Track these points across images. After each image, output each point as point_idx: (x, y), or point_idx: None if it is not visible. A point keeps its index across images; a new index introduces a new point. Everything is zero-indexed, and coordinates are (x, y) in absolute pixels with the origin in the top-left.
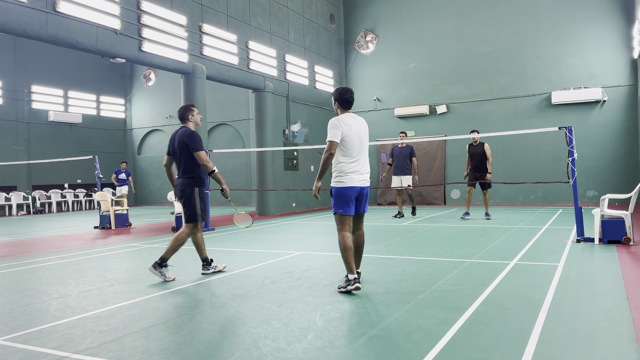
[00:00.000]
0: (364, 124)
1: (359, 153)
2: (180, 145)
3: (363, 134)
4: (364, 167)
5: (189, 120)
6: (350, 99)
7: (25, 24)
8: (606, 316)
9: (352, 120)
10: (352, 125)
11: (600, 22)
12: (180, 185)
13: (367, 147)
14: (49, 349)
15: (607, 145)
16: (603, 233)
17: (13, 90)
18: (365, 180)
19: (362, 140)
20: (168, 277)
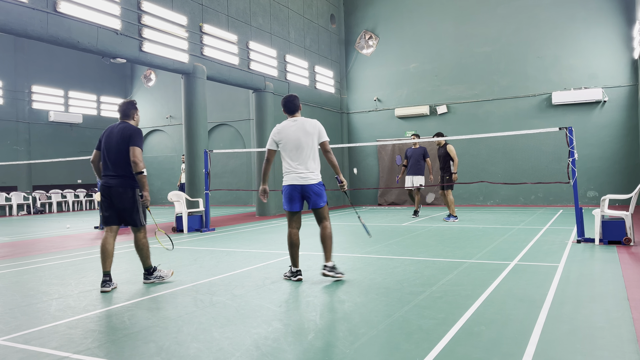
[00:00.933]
0: (305, 127)
1: (297, 155)
2: (123, 140)
3: (303, 137)
4: (305, 167)
5: (133, 117)
6: (290, 105)
7: (25, 24)
8: (607, 317)
9: (291, 125)
10: (290, 131)
11: (601, 22)
12: (119, 186)
13: (309, 149)
14: (50, 349)
15: (607, 146)
16: (603, 233)
17: (14, 91)
18: (307, 178)
19: (300, 143)
20: (166, 275)
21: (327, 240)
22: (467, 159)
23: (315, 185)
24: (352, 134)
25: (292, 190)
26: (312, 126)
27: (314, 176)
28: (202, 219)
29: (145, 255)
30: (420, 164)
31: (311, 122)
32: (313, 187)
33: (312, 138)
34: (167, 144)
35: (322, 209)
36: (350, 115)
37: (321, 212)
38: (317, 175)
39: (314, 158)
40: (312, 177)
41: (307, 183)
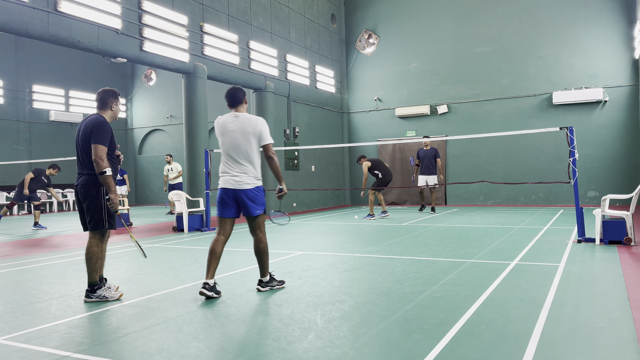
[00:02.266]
0: (245, 125)
1: (235, 153)
2: (85, 135)
3: (240, 135)
4: (240, 168)
5: (110, 108)
6: (231, 97)
7: (26, 23)
8: (607, 317)
9: (232, 120)
10: (228, 125)
11: (602, 22)
12: (83, 184)
13: (248, 148)
14: (50, 349)
15: (608, 146)
16: (604, 233)
17: (14, 90)
18: (240, 182)
19: (238, 140)
20: (112, 296)
21: (262, 255)
22: (468, 158)
23: (250, 190)
24: (353, 134)
25: (225, 194)
26: (252, 125)
27: (250, 180)
28: (202, 218)
29: (93, 268)
30: (433, 164)
31: (252, 121)
32: (248, 192)
33: (251, 138)
34: (168, 143)
35: (257, 219)
36: (350, 115)
37: (255, 222)
38: (253, 180)
39: (250, 160)
40: (247, 180)
41: (241, 188)
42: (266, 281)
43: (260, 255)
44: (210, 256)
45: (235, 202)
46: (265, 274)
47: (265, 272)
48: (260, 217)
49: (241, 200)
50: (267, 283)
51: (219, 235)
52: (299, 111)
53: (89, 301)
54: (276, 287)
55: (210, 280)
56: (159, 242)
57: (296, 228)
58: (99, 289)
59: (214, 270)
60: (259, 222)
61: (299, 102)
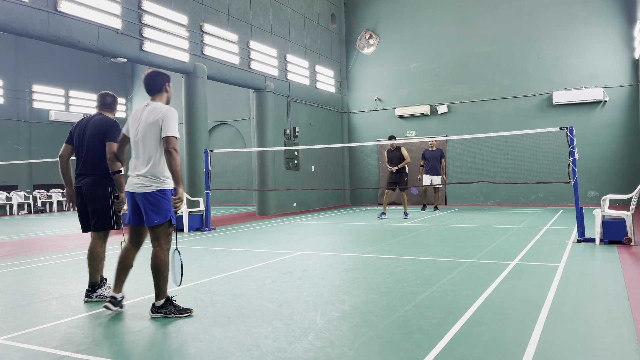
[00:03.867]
0: (151, 112)
1: (141, 149)
2: (97, 134)
3: (143, 127)
4: (142, 167)
5: (115, 109)
6: (147, 82)
7: (26, 23)
8: (607, 317)
9: (141, 110)
10: (137, 115)
11: (602, 22)
12: (90, 185)
13: (151, 143)
14: (50, 349)
15: (608, 146)
16: (604, 233)
17: (14, 90)
18: (139, 184)
19: (141, 134)
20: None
21: (157, 273)
22: (468, 158)
23: (150, 194)
24: (353, 134)
25: (128, 198)
26: (155, 114)
27: (149, 182)
28: (202, 218)
29: (96, 268)
30: (438, 164)
31: (158, 109)
32: (147, 196)
33: (153, 131)
34: None
35: (157, 229)
36: (350, 114)
37: (155, 232)
38: (155, 182)
39: (152, 157)
40: (146, 182)
41: (140, 191)
42: (159, 305)
43: (155, 273)
44: (119, 267)
45: (137, 207)
46: (159, 296)
47: (160, 294)
48: (162, 228)
49: (140, 205)
50: (160, 308)
51: (127, 244)
52: (299, 111)
53: (89, 301)
54: (172, 315)
55: (117, 294)
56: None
57: (296, 228)
58: (99, 288)
59: (122, 283)
60: (159, 233)
61: (299, 102)
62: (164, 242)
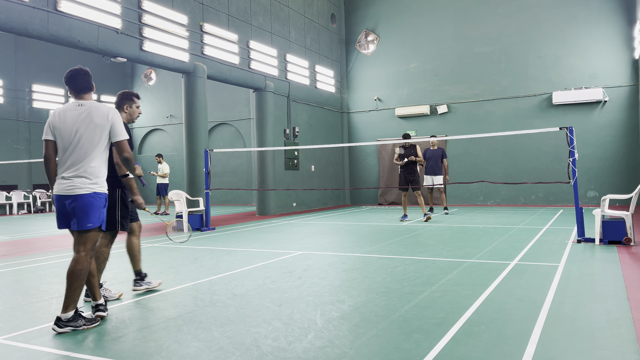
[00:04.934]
0: (95, 112)
1: (71, 151)
2: None
3: (81, 127)
4: (73, 170)
5: (124, 110)
6: (71, 81)
7: (26, 22)
8: (607, 317)
9: (72, 109)
10: (68, 116)
11: (602, 22)
12: None
13: (88, 144)
14: (50, 348)
15: (608, 146)
16: (604, 233)
17: (14, 89)
18: (69, 187)
19: (78, 134)
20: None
21: (73, 280)
22: (468, 158)
23: (86, 195)
24: (353, 134)
25: (57, 201)
26: (102, 116)
27: (83, 183)
28: (202, 218)
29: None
30: (439, 164)
31: (103, 110)
32: (82, 200)
33: (98, 132)
34: (168, 143)
35: (85, 234)
36: (350, 114)
37: (82, 236)
38: (89, 184)
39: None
40: (80, 184)
41: (70, 194)
42: (67, 319)
43: (71, 280)
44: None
45: (67, 210)
46: (68, 307)
47: (69, 305)
48: (93, 232)
49: (70, 208)
50: (69, 322)
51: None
52: (299, 111)
53: (88, 300)
54: (82, 327)
55: (99, 300)
56: (158, 242)
57: (296, 228)
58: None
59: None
60: (88, 238)
61: (299, 102)
62: (90, 248)
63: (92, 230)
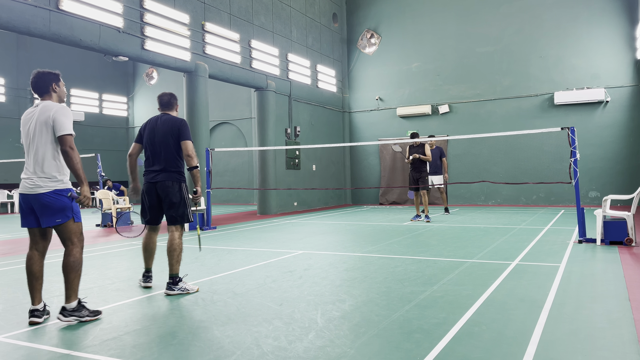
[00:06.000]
0: (42, 110)
1: (27, 151)
2: (171, 132)
3: (34, 126)
4: (31, 167)
5: (175, 110)
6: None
7: (28, 21)
8: (608, 317)
9: (31, 111)
10: (26, 118)
11: (604, 22)
12: (165, 180)
13: (41, 141)
14: (51, 347)
15: (609, 146)
16: (605, 234)
17: (16, 88)
18: (30, 186)
19: (32, 133)
20: (192, 288)
21: (69, 272)
22: (469, 158)
23: (46, 194)
24: (354, 133)
25: (22, 200)
26: (46, 113)
27: (44, 182)
28: (203, 217)
29: (177, 259)
30: (438, 164)
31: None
32: (44, 197)
33: (44, 129)
34: None
35: (62, 228)
36: (351, 114)
37: (61, 232)
38: (49, 182)
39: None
40: (38, 183)
41: (30, 192)
42: (71, 309)
43: (67, 272)
44: (30, 278)
45: (32, 209)
46: (70, 298)
47: (71, 295)
48: (68, 225)
49: (35, 207)
50: (73, 312)
51: (31, 251)
52: (300, 110)
53: (171, 294)
54: (86, 318)
55: (38, 305)
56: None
57: (297, 227)
58: (179, 281)
59: (39, 294)
60: (68, 232)
61: (300, 102)
62: (75, 239)
63: (66, 223)
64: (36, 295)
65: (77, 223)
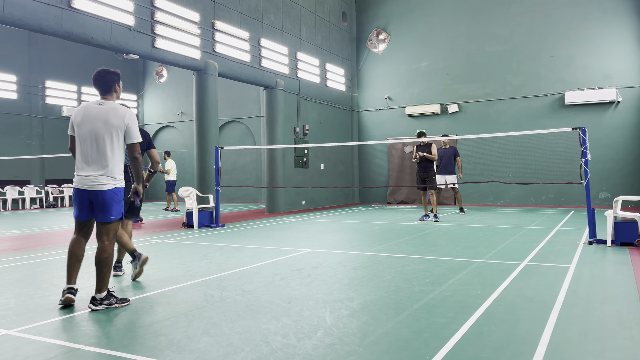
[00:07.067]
0: (110, 112)
1: (91, 148)
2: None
3: (99, 125)
4: (95, 165)
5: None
6: (98, 81)
7: (40, 19)
8: (618, 318)
9: (94, 108)
10: (89, 113)
11: (615, 22)
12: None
13: (108, 142)
14: (62, 341)
15: (620, 147)
16: (616, 235)
17: (27, 86)
18: (93, 184)
19: (96, 132)
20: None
21: (103, 266)
22: (478, 158)
23: (108, 191)
24: (362, 132)
25: (80, 195)
26: (119, 116)
27: (107, 180)
28: (212, 214)
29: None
30: (452, 163)
31: (120, 112)
32: (107, 194)
33: (112, 131)
34: (178, 140)
35: (108, 224)
36: (360, 113)
37: (105, 227)
38: (112, 180)
39: (112, 156)
40: (104, 181)
41: (96, 189)
42: (101, 298)
43: (101, 267)
44: (71, 260)
45: (91, 204)
46: (101, 289)
47: (102, 287)
48: (114, 222)
49: (96, 202)
50: (103, 300)
51: (75, 235)
52: (309, 109)
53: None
54: (114, 305)
55: (74, 285)
56: (169, 238)
57: (305, 226)
58: None
59: (76, 275)
60: (110, 228)
61: (309, 100)
62: (112, 238)
63: (113, 222)
64: (74, 275)
65: (119, 222)
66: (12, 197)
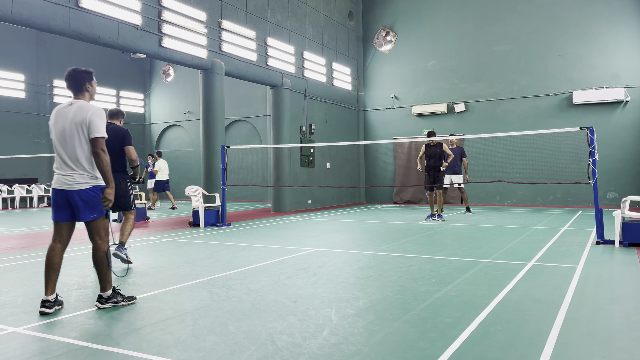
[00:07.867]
0: (76, 111)
1: (63, 148)
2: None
3: (67, 125)
4: (70, 165)
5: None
6: (69, 80)
7: (48, 18)
8: (625, 320)
9: (63, 108)
10: (59, 114)
11: (624, 21)
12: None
13: (76, 140)
14: (70, 339)
15: (628, 147)
16: (624, 235)
17: (35, 85)
18: (70, 183)
19: (64, 132)
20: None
21: (101, 265)
22: (485, 158)
23: (86, 190)
24: (369, 132)
25: (57, 195)
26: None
27: (83, 179)
28: (218, 213)
29: None
30: (458, 163)
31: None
32: (84, 194)
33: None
34: (185, 139)
35: (93, 224)
36: (367, 112)
37: (91, 227)
38: (89, 179)
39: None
40: (79, 180)
41: (72, 189)
42: (107, 296)
43: (99, 266)
44: (48, 268)
45: (69, 204)
46: (106, 287)
47: (105, 285)
48: (100, 221)
49: (74, 202)
50: (109, 299)
51: (54, 243)
52: (315, 108)
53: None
54: (121, 303)
55: (50, 296)
56: (175, 237)
57: (311, 225)
58: None
59: (53, 285)
60: (98, 227)
61: (315, 99)
62: (105, 236)
63: (98, 220)
64: (50, 286)
65: (106, 219)
66: (20, 195)
